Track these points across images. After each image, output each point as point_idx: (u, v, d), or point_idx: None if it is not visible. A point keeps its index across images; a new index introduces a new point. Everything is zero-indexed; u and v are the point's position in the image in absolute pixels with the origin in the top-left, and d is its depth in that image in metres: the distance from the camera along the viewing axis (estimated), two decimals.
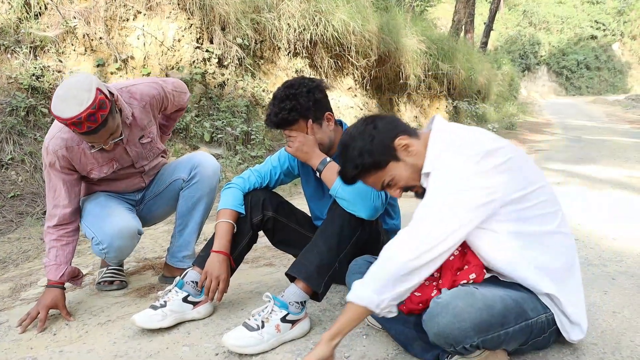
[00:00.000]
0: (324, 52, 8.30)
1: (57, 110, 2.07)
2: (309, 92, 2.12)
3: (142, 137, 2.53)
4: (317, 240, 2.09)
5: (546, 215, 1.69)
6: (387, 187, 1.79)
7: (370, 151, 1.72)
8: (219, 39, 6.76)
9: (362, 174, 1.76)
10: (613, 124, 14.90)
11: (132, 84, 2.47)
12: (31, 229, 3.96)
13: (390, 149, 1.73)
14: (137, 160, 2.57)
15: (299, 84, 2.14)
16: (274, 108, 2.13)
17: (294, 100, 2.10)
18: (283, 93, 2.13)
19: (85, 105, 2.04)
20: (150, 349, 2.03)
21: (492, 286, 1.66)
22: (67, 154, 2.32)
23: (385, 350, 1.94)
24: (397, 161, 1.74)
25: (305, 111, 2.12)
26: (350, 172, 1.76)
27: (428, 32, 11.71)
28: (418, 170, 1.74)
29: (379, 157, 1.73)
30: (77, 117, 2.04)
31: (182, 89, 2.70)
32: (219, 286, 2.19)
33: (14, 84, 4.90)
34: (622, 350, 1.88)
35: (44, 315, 2.28)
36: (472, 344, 1.53)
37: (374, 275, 1.60)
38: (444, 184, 1.60)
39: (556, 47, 36.52)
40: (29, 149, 4.58)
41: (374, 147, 1.72)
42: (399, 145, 1.73)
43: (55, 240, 2.38)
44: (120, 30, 6.05)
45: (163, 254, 3.31)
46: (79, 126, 2.08)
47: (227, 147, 6.31)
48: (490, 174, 1.58)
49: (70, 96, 2.06)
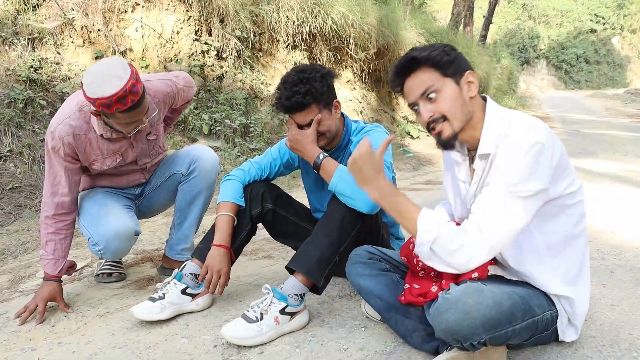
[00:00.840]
0: (323, 45, 8.28)
1: (96, 92, 2.05)
2: (322, 77, 2.11)
3: (150, 133, 2.52)
4: (318, 234, 2.09)
5: (578, 216, 1.70)
6: (426, 98, 1.62)
7: (450, 54, 1.62)
8: (218, 31, 6.74)
9: (426, 64, 1.61)
10: (612, 118, 14.90)
11: (146, 79, 2.43)
12: (30, 221, 3.95)
13: (460, 70, 1.62)
14: (140, 158, 2.55)
15: (312, 69, 2.12)
16: (285, 92, 2.09)
17: (308, 84, 2.07)
18: (296, 77, 2.09)
19: (125, 79, 2.06)
20: (148, 340, 2.03)
21: (498, 282, 1.65)
22: (73, 142, 2.28)
23: (384, 342, 1.94)
24: (456, 84, 1.62)
25: (320, 95, 2.10)
26: (420, 52, 1.62)
27: (427, 25, 11.68)
28: (465, 116, 1.63)
29: (450, 65, 1.61)
30: (122, 90, 2.05)
31: (191, 83, 2.70)
32: (220, 280, 2.19)
33: (11, 76, 4.88)
34: (621, 343, 1.88)
35: (42, 308, 2.27)
36: (480, 340, 1.51)
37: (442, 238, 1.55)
38: (507, 174, 1.53)
39: (555, 41, 36.45)
40: (27, 141, 4.57)
41: (454, 55, 1.62)
42: (467, 76, 1.63)
43: (53, 234, 2.34)
44: (119, 22, 6.02)
45: (161, 246, 3.31)
46: (123, 101, 2.07)
47: (226, 140, 6.30)
48: (549, 167, 1.54)
49: (107, 76, 2.06)
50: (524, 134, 1.54)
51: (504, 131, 1.60)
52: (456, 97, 1.61)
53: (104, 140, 2.35)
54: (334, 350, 1.89)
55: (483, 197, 1.56)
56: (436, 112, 1.62)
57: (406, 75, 1.65)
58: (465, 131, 1.66)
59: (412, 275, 1.88)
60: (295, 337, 2.01)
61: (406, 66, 1.63)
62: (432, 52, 1.60)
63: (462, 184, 1.80)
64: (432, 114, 1.62)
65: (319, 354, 1.87)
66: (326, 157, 2.11)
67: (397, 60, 1.66)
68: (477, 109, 1.66)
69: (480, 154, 1.65)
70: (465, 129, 1.65)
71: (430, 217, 1.58)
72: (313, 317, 2.17)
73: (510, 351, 1.77)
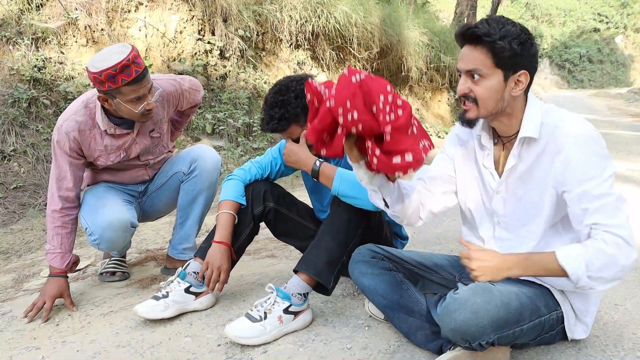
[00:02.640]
0: (326, 44, 8.27)
1: (101, 66, 2.16)
2: (296, 97, 2.10)
3: (153, 130, 2.55)
4: (324, 235, 2.09)
5: None
6: (470, 75, 1.61)
7: (515, 47, 1.55)
8: (221, 31, 6.74)
9: (486, 46, 1.56)
10: (615, 117, 14.84)
11: (152, 78, 2.47)
12: (33, 220, 3.96)
13: (516, 67, 1.58)
14: (143, 154, 2.58)
15: (286, 89, 2.12)
16: (265, 115, 2.15)
17: (282, 108, 2.09)
18: (272, 99, 2.13)
19: (127, 52, 2.17)
20: (152, 339, 2.04)
21: (505, 282, 1.64)
22: (79, 137, 2.34)
23: (387, 341, 1.95)
24: (504, 79, 1.59)
25: (295, 117, 2.11)
26: (490, 30, 1.55)
27: (430, 24, 11.65)
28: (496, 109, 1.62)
29: (508, 59, 1.56)
30: (125, 59, 2.15)
31: (198, 87, 2.73)
32: (219, 277, 2.20)
33: (15, 76, 4.89)
34: (624, 343, 1.88)
35: (49, 305, 2.28)
36: (489, 340, 1.51)
37: (592, 259, 1.49)
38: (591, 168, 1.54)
39: (559, 40, 36.32)
40: (31, 141, 4.58)
41: (520, 50, 1.56)
42: (519, 75, 1.60)
43: (60, 227, 2.37)
44: (122, 21, 6.03)
45: (165, 245, 3.31)
46: (127, 71, 2.16)
47: (229, 139, 6.30)
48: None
49: (108, 54, 2.19)
50: (581, 125, 1.59)
51: (551, 122, 1.62)
52: (497, 90, 1.60)
53: (108, 136, 2.41)
54: (337, 350, 1.89)
55: (586, 198, 1.54)
56: (471, 92, 1.62)
57: (467, 41, 1.61)
58: (499, 119, 1.67)
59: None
60: (298, 336, 2.01)
61: (470, 35, 1.58)
62: (500, 39, 1.54)
63: (485, 170, 1.78)
64: (468, 92, 1.62)
65: (322, 353, 1.87)
66: (323, 163, 2.11)
67: (475, 22, 1.60)
68: (517, 102, 1.65)
69: (522, 137, 1.65)
70: (499, 117, 1.66)
71: (566, 251, 1.52)
72: (316, 317, 2.17)
73: (514, 350, 1.77)
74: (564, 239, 1.70)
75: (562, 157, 1.58)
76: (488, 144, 1.76)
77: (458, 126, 1.80)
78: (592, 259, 1.48)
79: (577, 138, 1.57)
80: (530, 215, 1.71)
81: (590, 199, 1.53)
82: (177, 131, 2.90)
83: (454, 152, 1.90)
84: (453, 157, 1.90)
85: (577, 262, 1.48)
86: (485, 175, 1.79)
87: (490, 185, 1.78)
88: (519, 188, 1.71)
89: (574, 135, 1.57)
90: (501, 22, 1.57)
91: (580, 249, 1.50)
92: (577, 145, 1.56)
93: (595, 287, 1.52)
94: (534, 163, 1.65)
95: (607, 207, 1.52)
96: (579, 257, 1.49)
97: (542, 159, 1.64)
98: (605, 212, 1.51)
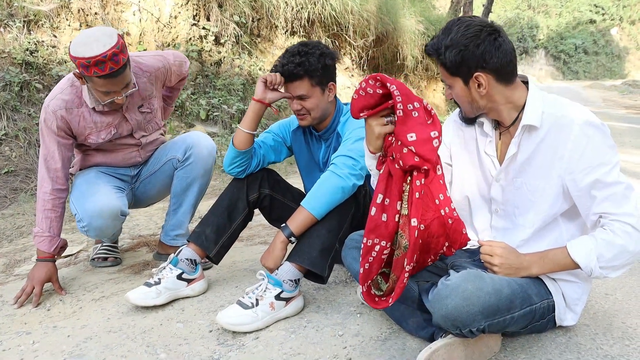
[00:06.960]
0: (322, 32, 8.23)
1: (79, 52, 2.10)
2: (321, 55, 2.15)
3: (142, 106, 2.53)
4: (315, 224, 2.09)
5: None
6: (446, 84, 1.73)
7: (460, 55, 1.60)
8: (216, 16, 6.69)
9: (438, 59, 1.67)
10: (609, 109, 14.87)
11: (137, 55, 2.51)
12: (25, 204, 3.94)
13: (469, 71, 1.63)
14: (136, 130, 2.56)
15: (314, 45, 2.17)
16: (283, 59, 2.17)
17: (304, 57, 2.12)
18: (296, 48, 2.16)
19: (109, 46, 2.11)
20: (144, 325, 2.03)
21: None
22: (66, 115, 2.32)
23: (379, 328, 1.95)
24: (464, 84, 1.66)
25: (312, 71, 2.13)
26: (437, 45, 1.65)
27: (426, 13, 11.62)
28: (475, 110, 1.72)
29: (457, 66, 1.63)
30: (102, 54, 2.09)
31: (182, 58, 2.72)
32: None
33: (7, 59, 4.83)
34: (614, 332, 1.90)
35: (39, 290, 2.27)
36: (479, 327, 1.52)
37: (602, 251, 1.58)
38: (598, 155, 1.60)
39: (554, 31, 36.28)
40: (22, 125, 4.54)
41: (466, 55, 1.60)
42: (476, 78, 1.63)
43: (50, 210, 2.35)
44: (116, 5, 5.96)
45: (158, 231, 3.30)
46: (101, 66, 2.11)
47: (223, 126, 6.28)
48: None
49: (93, 39, 2.12)
50: (588, 114, 1.63)
51: (554, 111, 1.65)
52: (463, 95, 1.69)
53: (96, 113, 2.39)
54: (329, 336, 1.90)
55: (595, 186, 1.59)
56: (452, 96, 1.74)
57: (431, 57, 1.72)
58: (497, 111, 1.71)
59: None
60: (290, 323, 2.02)
61: (428, 53, 1.71)
62: (445, 51, 1.62)
63: (487, 157, 1.80)
64: (451, 97, 1.75)
65: (314, 340, 1.88)
66: (285, 226, 2.10)
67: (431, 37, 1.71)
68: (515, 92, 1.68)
69: (524, 125, 1.67)
70: (497, 108, 1.70)
71: (578, 246, 1.62)
72: (308, 303, 2.18)
73: (504, 338, 1.78)
74: (560, 228, 1.72)
75: (569, 146, 1.61)
76: (490, 131, 1.78)
77: (457, 113, 1.84)
78: (602, 252, 1.57)
79: (584, 127, 1.60)
80: (529, 203, 1.72)
81: (600, 187, 1.58)
82: (168, 107, 2.90)
83: (450, 139, 1.91)
84: (449, 144, 1.91)
85: (589, 257, 1.58)
86: (486, 162, 1.80)
87: (490, 172, 1.79)
88: (519, 176, 1.73)
89: (581, 124, 1.60)
90: (449, 29, 1.63)
91: (591, 243, 1.58)
92: (585, 133, 1.60)
93: (608, 276, 1.62)
94: (535, 151, 1.68)
95: (615, 195, 1.57)
96: (590, 251, 1.58)
97: (542, 147, 1.66)
98: (614, 201, 1.57)
